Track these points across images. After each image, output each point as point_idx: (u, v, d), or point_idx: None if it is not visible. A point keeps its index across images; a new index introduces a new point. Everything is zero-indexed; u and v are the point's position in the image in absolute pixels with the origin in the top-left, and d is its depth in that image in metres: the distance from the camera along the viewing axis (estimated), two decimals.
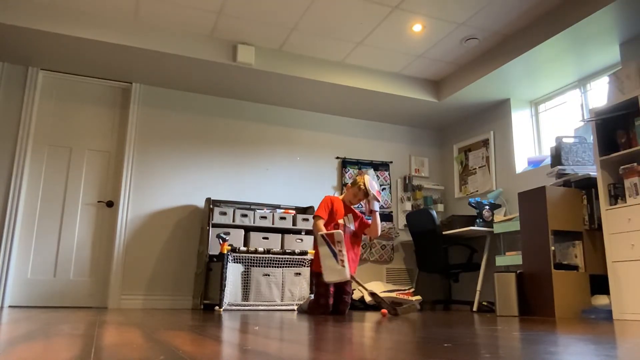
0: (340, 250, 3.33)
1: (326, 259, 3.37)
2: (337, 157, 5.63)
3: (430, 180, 5.99)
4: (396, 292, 4.86)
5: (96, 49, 4.28)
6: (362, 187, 3.67)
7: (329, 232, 3.42)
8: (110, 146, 4.87)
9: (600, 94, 4.47)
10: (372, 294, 3.50)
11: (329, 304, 3.57)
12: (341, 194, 5.52)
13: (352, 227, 3.75)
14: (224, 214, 4.63)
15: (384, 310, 3.44)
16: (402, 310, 3.44)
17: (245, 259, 4.33)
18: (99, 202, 4.73)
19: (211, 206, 4.60)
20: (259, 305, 4.17)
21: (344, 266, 3.31)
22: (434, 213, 4.95)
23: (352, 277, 3.45)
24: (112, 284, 4.52)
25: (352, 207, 3.83)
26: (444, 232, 4.88)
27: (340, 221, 3.69)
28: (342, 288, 3.64)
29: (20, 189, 4.42)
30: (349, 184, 3.84)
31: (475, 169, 5.55)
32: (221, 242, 4.25)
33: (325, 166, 5.53)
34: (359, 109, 5.54)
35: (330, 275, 3.36)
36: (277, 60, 4.71)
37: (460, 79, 5.02)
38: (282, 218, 4.75)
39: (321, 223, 3.57)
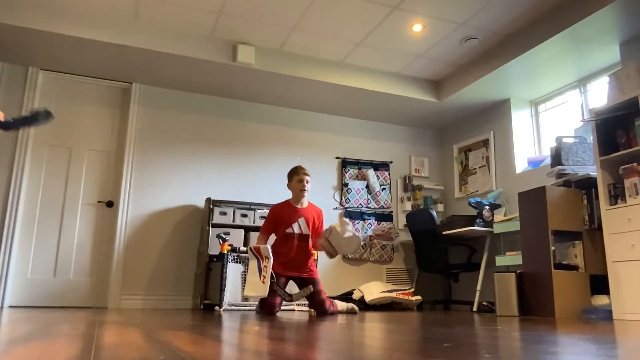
0: (265, 266, 3.33)
1: (251, 274, 3.39)
2: (337, 157, 5.63)
3: (430, 180, 5.99)
4: (396, 292, 4.86)
5: (96, 49, 4.28)
6: (300, 170, 3.59)
7: (256, 246, 3.42)
8: (110, 146, 4.87)
9: (600, 94, 4.47)
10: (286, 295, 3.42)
11: (274, 304, 3.41)
12: (340, 194, 5.53)
13: (305, 231, 3.57)
14: (224, 214, 4.63)
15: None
16: (296, 296, 3.44)
17: (245, 259, 4.33)
18: (99, 202, 4.73)
19: (211, 206, 4.60)
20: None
21: (264, 282, 3.31)
22: (434, 213, 4.94)
23: (273, 284, 3.37)
24: (112, 284, 4.52)
25: (309, 210, 3.64)
26: (444, 232, 4.88)
27: (289, 230, 3.53)
28: (312, 289, 3.51)
29: (20, 189, 4.42)
30: (288, 182, 3.67)
31: (475, 169, 5.55)
32: (221, 242, 4.25)
33: (325, 166, 5.53)
34: (359, 109, 5.54)
35: (250, 290, 3.37)
36: (277, 60, 4.71)
37: (460, 79, 5.02)
38: None
39: (260, 241, 3.55)
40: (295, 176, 3.62)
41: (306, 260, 3.61)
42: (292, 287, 3.64)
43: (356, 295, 4.90)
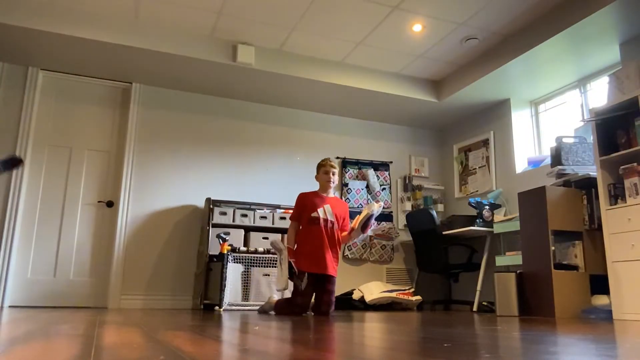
0: (282, 258, 3.54)
1: (278, 269, 3.61)
2: (337, 157, 5.63)
3: (430, 180, 5.99)
4: (396, 292, 4.86)
5: (96, 49, 4.28)
6: (327, 162, 3.70)
7: (272, 240, 3.67)
8: (110, 146, 4.87)
9: (600, 94, 4.47)
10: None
11: (306, 305, 3.43)
12: (340, 194, 5.53)
13: (330, 217, 3.58)
14: (224, 214, 4.63)
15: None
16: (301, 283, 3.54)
17: (245, 259, 4.33)
18: (99, 202, 4.73)
19: (211, 206, 4.60)
20: (259, 305, 4.17)
21: (282, 275, 3.51)
22: (434, 213, 4.94)
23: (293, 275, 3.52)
24: (112, 284, 4.52)
25: (335, 200, 3.73)
26: (444, 232, 4.88)
27: (314, 214, 3.55)
28: (324, 287, 3.49)
29: (20, 189, 4.42)
30: (315, 174, 3.76)
31: (475, 169, 5.55)
32: (221, 242, 4.25)
33: None
34: (359, 109, 5.54)
35: (277, 283, 3.59)
36: (277, 60, 4.71)
37: (460, 79, 5.02)
38: (282, 218, 4.75)
39: (290, 229, 3.69)
40: (322, 168, 3.72)
41: (333, 252, 3.56)
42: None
43: (356, 295, 4.90)
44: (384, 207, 5.65)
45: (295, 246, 3.61)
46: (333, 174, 3.69)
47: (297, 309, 3.43)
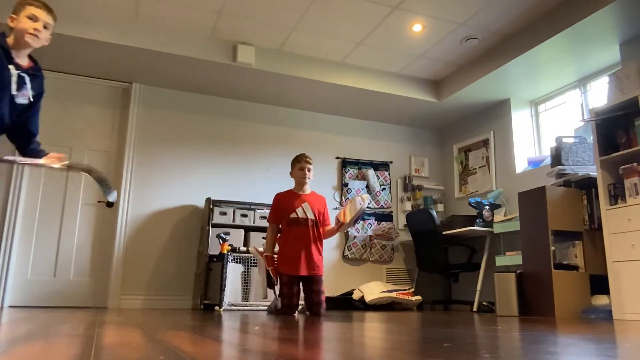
0: (259, 267, 3.65)
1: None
2: (337, 157, 5.63)
3: (430, 180, 5.98)
4: (396, 292, 4.86)
5: (96, 49, 4.28)
6: (302, 158, 3.60)
7: (251, 249, 3.73)
8: (110, 146, 4.87)
9: (600, 94, 4.47)
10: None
11: (292, 305, 3.41)
12: (341, 194, 5.53)
13: (309, 215, 3.50)
14: (224, 214, 4.63)
15: None
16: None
17: (245, 259, 4.33)
18: (99, 202, 4.73)
19: (211, 206, 4.60)
20: (259, 305, 4.17)
21: (260, 285, 3.63)
22: (434, 213, 4.94)
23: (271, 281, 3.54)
24: (112, 284, 4.52)
25: (312, 197, 3.62)
26: (444, 232, 4.88)
27: (293, 215, 3.49)
28: (310, 288, 3.45)
29: (20, 189, 4.42)
30: (290, 170, 3.68)
31: (475, 169, 5.55)
32: (221, 242, 4.25)
33: (325, 166, 5.52)
34: (359, 109, 5.54)
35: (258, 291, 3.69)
36: (277, 60, 4.70)
37: (460, 79, 5.02)
38: None
39: (268, 233, 3.65)
40: (297, 164, 3.63)
41: (315, 250, 3.50)
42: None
43: (356, 295, 4.90)
44: (384, 207, 5.66)
45: (278, 248, 3.60)
46: (309, 170, 3.59)
47: (284, 309, 3.42)
